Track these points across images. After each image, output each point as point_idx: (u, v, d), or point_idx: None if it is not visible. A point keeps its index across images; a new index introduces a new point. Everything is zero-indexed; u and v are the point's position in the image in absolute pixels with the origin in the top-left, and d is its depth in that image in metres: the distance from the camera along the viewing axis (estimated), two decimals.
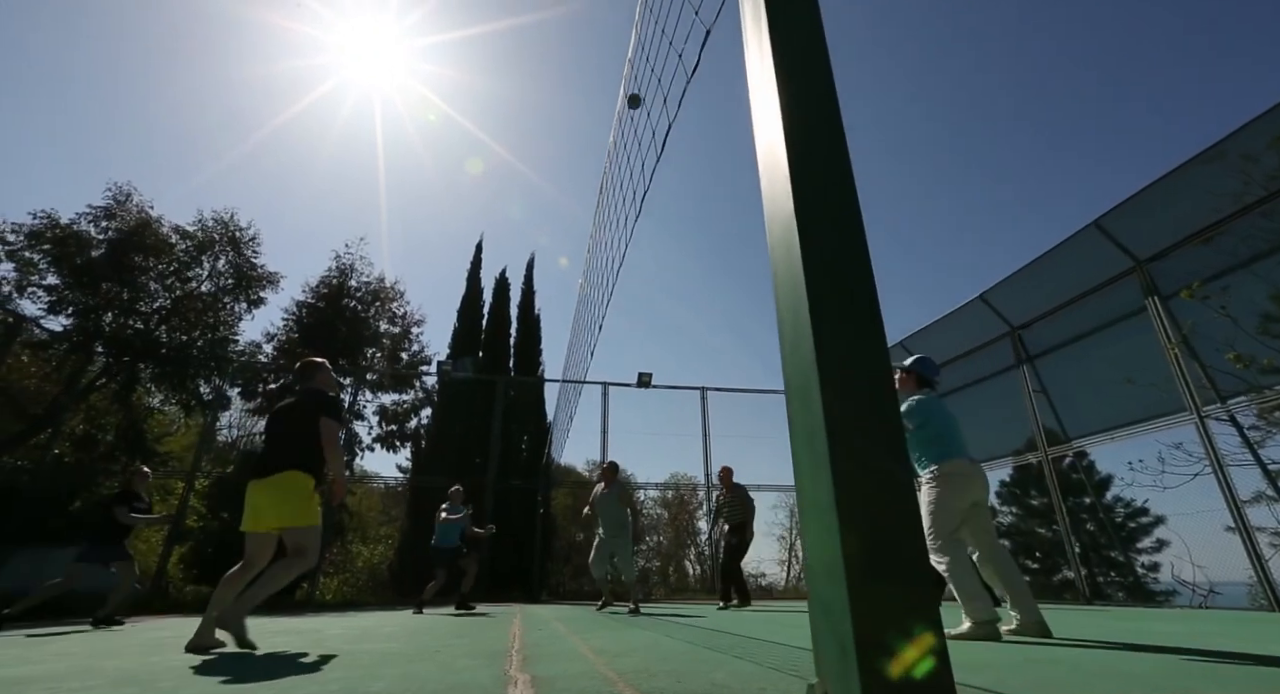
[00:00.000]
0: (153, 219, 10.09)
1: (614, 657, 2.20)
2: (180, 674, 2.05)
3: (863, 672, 0.59)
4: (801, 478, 0.81)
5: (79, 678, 2.05)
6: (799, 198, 0.87)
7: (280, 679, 1.85)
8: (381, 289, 12.48)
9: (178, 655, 2.67)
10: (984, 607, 2.85)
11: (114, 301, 9.62)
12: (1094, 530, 9.56)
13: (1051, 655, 2.13)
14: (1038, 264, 8.65)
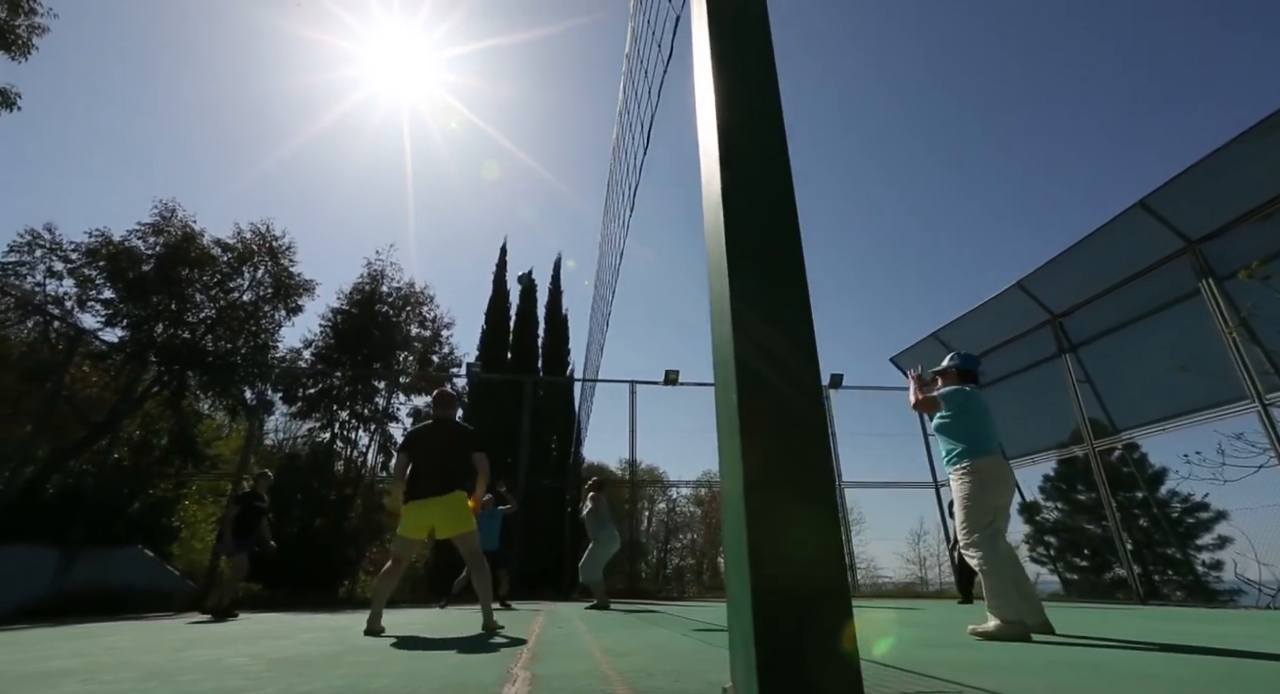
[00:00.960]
0: (196, 233, 10.59)
1: (620, 656, 2.19)
2: (204, 669, 2.14)
3: (762, 682, 0.56)
4: (721, 472, 0.78)
5: (113, 671, 2.15)
6: (729, 198, 0.84)
7: (291, 674, 1.90)
8: (411, 294, 12.79)
9: (208, 650, 2.78)
10: (1010, 606, 2.75)
11: (164, 313, 10.13)
12: (1147, 526, 9.06)
13: (1079, 658, 2.02)
14: (1079, 248, 8.25)
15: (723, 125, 0.87)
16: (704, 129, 0.98)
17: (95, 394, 9.78)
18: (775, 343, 0.73)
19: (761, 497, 0.63)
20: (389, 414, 11.77)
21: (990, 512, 3.10)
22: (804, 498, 0.64)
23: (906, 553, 17.53)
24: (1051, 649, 2.29)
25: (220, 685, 1.78)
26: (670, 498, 22.29)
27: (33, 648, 3.29)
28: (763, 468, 0.64)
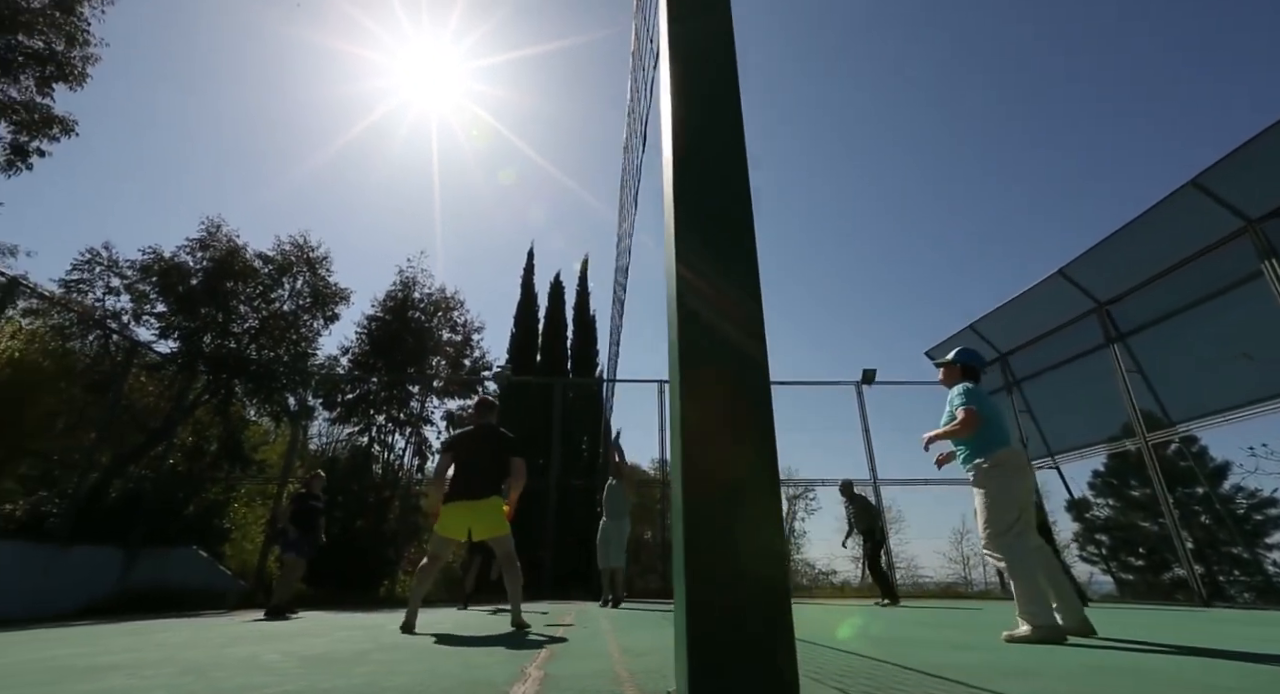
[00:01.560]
0: (239, 247, 11.06)
1: (638, 656, 2.18)
2: (238, 666, 2.22)
3: (693, 688, 0.54)
4: (670, 474, 0.77)
5: (156, 667, 2.26)
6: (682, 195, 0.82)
7: (317, 671, 1.96)
8: (442, 299, 13.07)
9: (248, 647, 2.90)
10: (1043, 610, 2.61)
11: (211, 324, 10.62)
12: (1209, 524, 8.54)
13: (1120, 662, 1.92)
14: (1126, 233, 7.84)
15: (679, 102, 0.86)
16: (664, 107, 0.97)
17: (151, 403, 10.32)
18: (723, 339, 0.71)
19: (699, 499, 0.61)
20: (423, 418, 12.06)
21: (1017, 507, 2.95)
22: (746, 501, 0.62)
23: (949, 552, 16.96)
24: (1091, 653, 2.17)
25: (248, 682, 1.84)
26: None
27: (90, 643, 3.49)
28: (702, 469, 0.62)
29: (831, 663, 1.93)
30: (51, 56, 9.17)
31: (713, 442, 0.65)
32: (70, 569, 8.19)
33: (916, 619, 4.37)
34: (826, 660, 2.01)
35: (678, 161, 0.81)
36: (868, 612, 5.68)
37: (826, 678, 1.61)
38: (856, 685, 1.49)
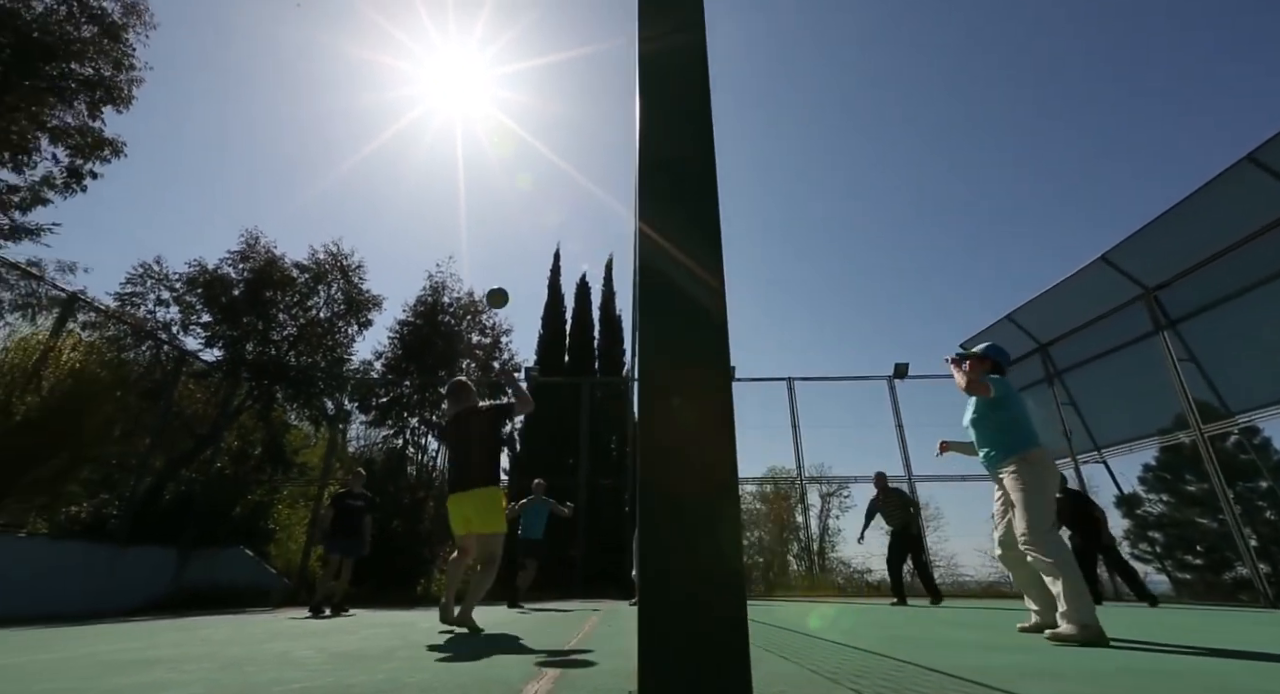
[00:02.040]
0: (277, 257, 11.48)
1: None
2: (273, 661, 2.31)
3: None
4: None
5: (197, 661, 2.36)
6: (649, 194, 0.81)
7: (345, 667, 2.02)
8: (471, 303, 13.30)
9: (285, 644, 3.00)
10: (1088, 608, 2.51)
11: (252, 333, 11.05)
12: (1276, 520, 8.05)
13: (1161, 665, 1.82)
14: (1173, 215, 7.45)
15: (648, 116, 0.86)
16: (635, 119, 0.96)
17: (199, 409, 10.80)
18: (686, 342, 0.70)
19: (658, 501, 0.60)
20: None
21: (1054, 504, 2.92)
22: (703, 503, 0.61)
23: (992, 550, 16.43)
24: (1132, 655, 2.07)
25: (279, 676, 1.91)
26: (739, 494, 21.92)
27: (142, 638, 3.67)
28: (661, 469, 0.61)
29: (852, 663, 1.89)
30: (100, 82, 9.68)
31: (673, 442, 0.64)
32: (129, 568, 8.65)
33: (954, 619, 4.24)
34: (848, 661, 1.97)
35: (645, 170, 0.81)
36: (906, 612, 5.54)
37: (844, 678, 1.58)
38: (873, 686, 1.45)
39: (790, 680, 1.57)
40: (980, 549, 15.89)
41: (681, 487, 0.62)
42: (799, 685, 1.50)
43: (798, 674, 1.67)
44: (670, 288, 0.74)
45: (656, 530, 0.59)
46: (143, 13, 10.21)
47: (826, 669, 1.76)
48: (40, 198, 9.64)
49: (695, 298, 0.74)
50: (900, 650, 2.18)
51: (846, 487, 18.21)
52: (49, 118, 9.33)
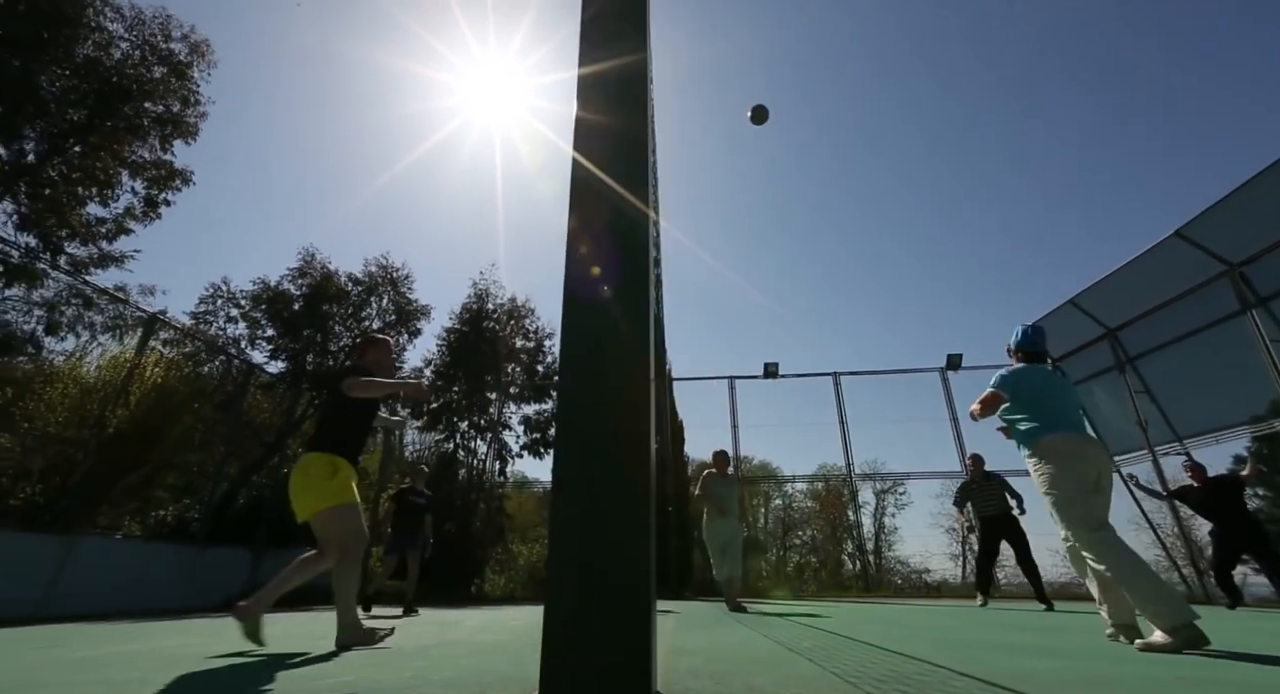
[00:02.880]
0: (332, 272, 12.08)
1: (680, 655, 2.16)
2: (318, 658, 2.42)
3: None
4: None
5: (251, 655, 2.51)
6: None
7: (380, 663, 2.10)
8: (514, 308, 13.60)
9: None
10: (1175, 608, 2.17)
11: (312, 345, 11.67)
12: None
13: (1232, 675, 1.65)
14: (1259, 182, 6.80)
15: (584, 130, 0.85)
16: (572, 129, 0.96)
17: (266, 418, 11.49)
18: (606, 346, 0.69)
19: (569, 503, 0.59)
20: (502, 423, 12.59)
21: (1082, 496, 2.60)
22: (613, 507, 0.59)
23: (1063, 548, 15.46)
24: (1201, 664, 1.89)
25: (318, 670, 2.01)
26: (785, 493, 21.56)
27: (212, 634, 3.94)
28: (575, 468, 0.60)
29: (881, 666, 1.81)
30: (170, 118, 10.46)
31: (589, 444, 0.63)
32: (210, 568, 9.29)
33: (1019, 622, 4.01)
34: (878, 664, 1.89)
35: (577, 173, 0.80)
36: (965, 613, 5.27)
37: (865, 681, 1.52)
38: (894, 689, 1.39)
39: (808, 683, 1.53)
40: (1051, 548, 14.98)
41: (595, 496, 0.62)
42: (817, 688, 1.46)
43: (819, 677, 1.62)
44: (595, 297, 0.74)
45: (566, 537, 0.59)
46: (205, 52, 10.96)
47: (851, 672, 1.70)
48: (123, 228, 10.50)
49: (618, 304, 0.74)
50: (942, 654, 2.08)
51: (902, 483, 17.55)
52: (128, 154, 10.16)
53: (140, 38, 10.22)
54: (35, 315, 9.37)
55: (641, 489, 0.63)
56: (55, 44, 9.16)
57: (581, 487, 0.63)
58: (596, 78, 0.95)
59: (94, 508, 8.79)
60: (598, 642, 0.57)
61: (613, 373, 0.70)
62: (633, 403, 0.67)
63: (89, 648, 2.99)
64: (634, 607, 0.59)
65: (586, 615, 0.58)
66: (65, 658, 2.55)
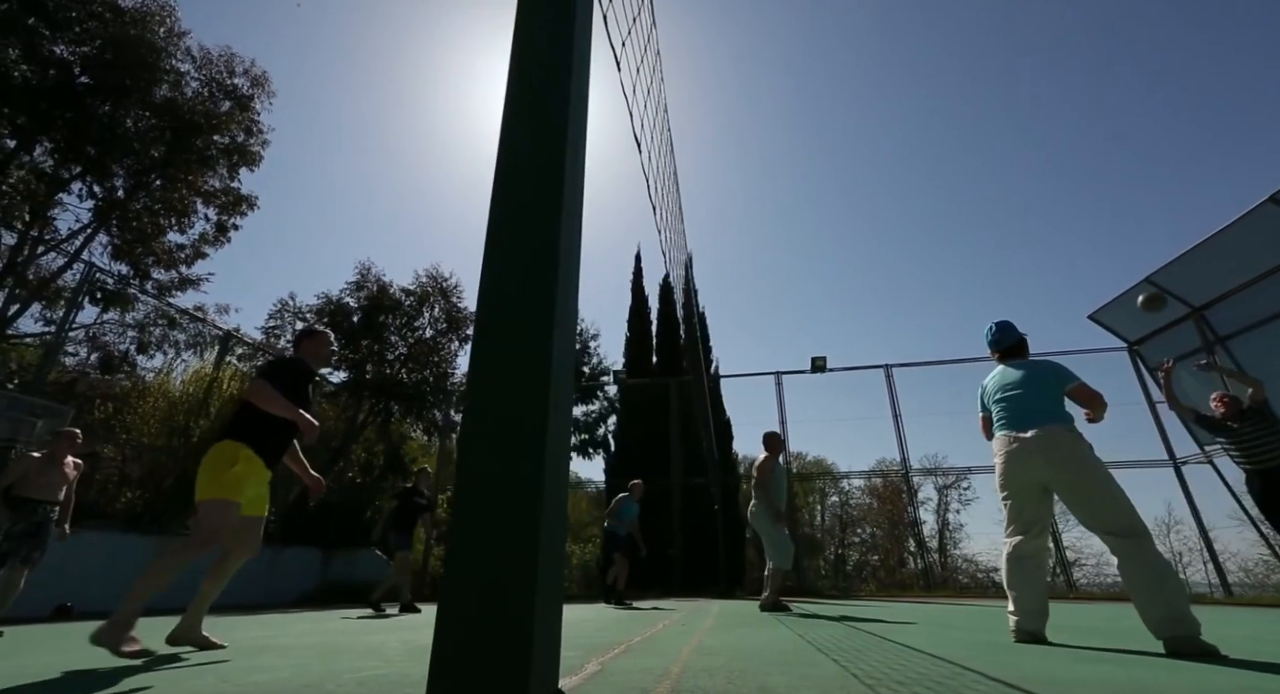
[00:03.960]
0: (386, 284, 12.68)
1: (705, 654, 2.14)
2: (362, 651, 2.55)
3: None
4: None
5: (303, 650, 2.67)
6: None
7: (414, 658, 2.18)
8: None
9: (382, 636, 3.30)
10: (1027, 622, 2.42)
11: (370, 355, 12.27)
12: None
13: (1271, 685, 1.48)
14: None
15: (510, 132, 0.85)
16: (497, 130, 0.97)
17: (331, 426, 12.17)
18: (512, 348, 0.69)
19: (467, 504, 0.59)
20: None
21: (1017, 497, 2.64)
22: (508, 508, 0.59)
23: None
24: (1267, 676, 1.71)
25: (356, 665, 2.11)
26: (842, 490, 20.96)
27: (279, 627, 4.20)
28: (473, 474, 0.60)
29: (907, 668, 1.74)
30: (237, 148, 11.28)
31: (489, 446, 0.64)
32: (286, 566, 9.92)
33: (1086, 624, 3.74)
34: (905, 665, 1.81)
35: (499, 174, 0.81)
36: None
37: (885, 683, 1.46)
38: (910, 692, 1.33)
39: (824, 684, 1.48)
40: None
41: (491, 496, 0.62)
42: (832, 689, 1.41)
43: (838, 678, 1.57)
44: (505, 305, 0.75)
45: (462, 536, 0.60)
46: (265, 83, 11.74)
47: (874, 674, 1.63)
48: (200, 252, 11.42)
49: (526, 315, 0.74)
50: (980, 656, 1.97)
51: (965, 478, 16.69)
52: (201, 183, 11.02)
53: (208, 76, 11.06)
54: (129, 336, 10.29)
55: (528, 490, 0.63)
56: (137, 89, 10.04)
57: (475, 485, 0.64)
58: (524, 85, 0.95)
59: (184, 511, 9.58)
60: (489, 645, 0.58)
61: (513, 377, 0.70)
62: (529, 402, 0.68)
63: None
64: (514, 608, 0.60)
65: (464, 615, 0.59)
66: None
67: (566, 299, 0.80)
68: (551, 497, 0.66)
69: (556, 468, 0.70)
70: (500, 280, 0.77)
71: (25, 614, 5.89)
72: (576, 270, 0.86)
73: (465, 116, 60.03)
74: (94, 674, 1.99)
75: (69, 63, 9.49)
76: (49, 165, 9.92)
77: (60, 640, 3.41)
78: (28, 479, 4.04)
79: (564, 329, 0.78)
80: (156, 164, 10.50)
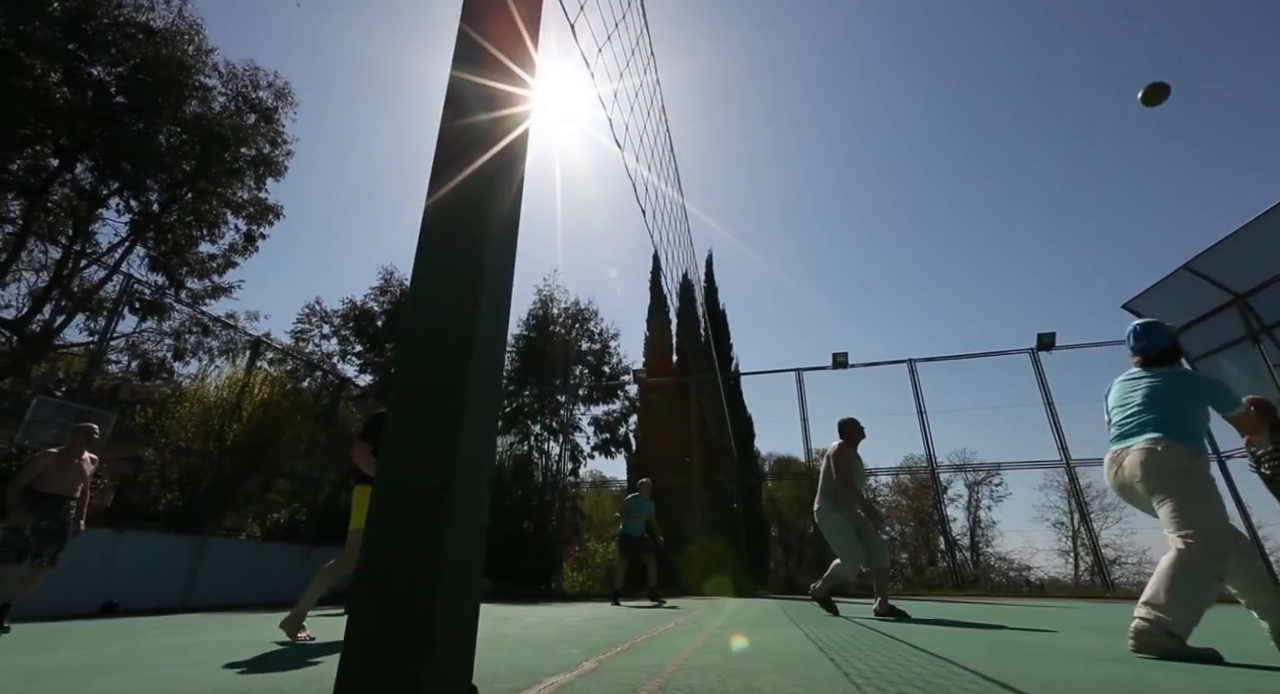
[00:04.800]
0: (408, 287, 12.95)
1: (706, 654, 2.14)
2: None
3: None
4: None
5: (328, 650, 2.76)
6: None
7: None
8: (578, 312, 13.92)
9: None
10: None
11: (394, 358, 12.54)
12: None
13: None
14: None
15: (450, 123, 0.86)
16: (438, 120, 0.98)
17: (359, 429, 12.48)
18: (438, 346, 0.70)
19: (382, 502, 0.60)
20: (573, 424, 12.92)
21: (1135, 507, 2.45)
22: (425, 508, 0.60)
23: None
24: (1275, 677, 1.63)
25: None
26: (869, 486, 20.59)
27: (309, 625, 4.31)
28: (390, 475, 0.61)
29: (903, 668, 1.71)
30: (263, 159, 11.64)
31: (408, 441, 0.65)
32: (318, 565, 10.19)
33: (1112, 625, 3.62)
34: (902, 665, 1.79)
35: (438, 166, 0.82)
36: (1056, 615, 4.79)
37: (875, 682, 1.44)
38: (897, 691, 1.31)
39: (813, 683, 1.47)
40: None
41: (410, 495, 0.63)
42: (820, 689, 1.40)
43: (829, 677, 1.56)
44: (435, 292, 0.76)
45: (377, 535, 0.61)
46: (288, 95, 12.08)
47: (867, 673, 1.62)
48: (230, 261, 11.83)
49: (458, 301, 0.75)
50: (984, 657, 1.93)
51: (996, 474, 16.25)
52: (230, 195, 11.41)
53: (234, 90, 11.43)
54: (165, 344, 10.71)
55: (435, 494, 0.65)
56: (168, 106, 10.43)
57: (387, 490, 0.65)
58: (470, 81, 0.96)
59: (221, 512, 9.93)
60: (384, 645, 0.60)
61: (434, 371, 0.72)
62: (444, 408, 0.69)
63: (198, 634, 3.39)
64: (416, 609, 0.61)
65: (369, 619, 0.61)
66: (168, 644, 2.91)
67: (495, 305, 0.81)
68: (463, 498, 0.68)
69: (471, 472, 0.72)
70: (424, 286, 0.79)
71: (74, 610, 6.21)
72: (510, 275, 0.86)
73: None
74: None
75: (105, 83, 9.90)
76: (89, 182, 10.38)
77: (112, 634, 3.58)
78: (48, 476, 4.14)
79: (489, 337, 0.79)
80: (188, 177, 10.90)
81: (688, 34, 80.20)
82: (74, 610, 6.21)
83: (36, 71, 8.96)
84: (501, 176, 0.89)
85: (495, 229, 0.84)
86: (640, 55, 2.77)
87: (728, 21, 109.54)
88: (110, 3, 9.81)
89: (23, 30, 8.85)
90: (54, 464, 4.19)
